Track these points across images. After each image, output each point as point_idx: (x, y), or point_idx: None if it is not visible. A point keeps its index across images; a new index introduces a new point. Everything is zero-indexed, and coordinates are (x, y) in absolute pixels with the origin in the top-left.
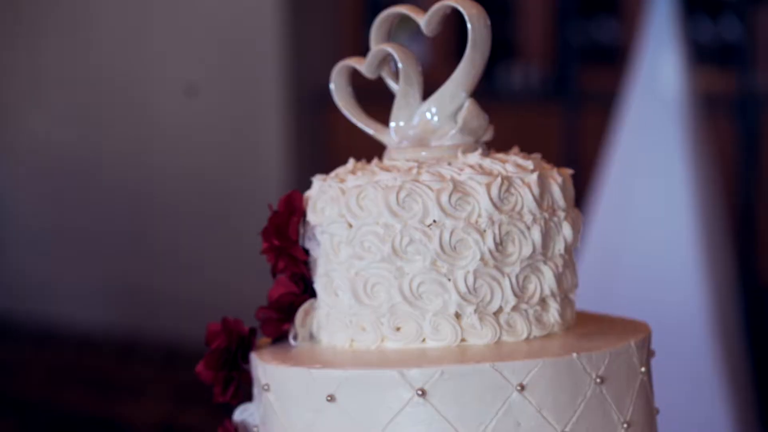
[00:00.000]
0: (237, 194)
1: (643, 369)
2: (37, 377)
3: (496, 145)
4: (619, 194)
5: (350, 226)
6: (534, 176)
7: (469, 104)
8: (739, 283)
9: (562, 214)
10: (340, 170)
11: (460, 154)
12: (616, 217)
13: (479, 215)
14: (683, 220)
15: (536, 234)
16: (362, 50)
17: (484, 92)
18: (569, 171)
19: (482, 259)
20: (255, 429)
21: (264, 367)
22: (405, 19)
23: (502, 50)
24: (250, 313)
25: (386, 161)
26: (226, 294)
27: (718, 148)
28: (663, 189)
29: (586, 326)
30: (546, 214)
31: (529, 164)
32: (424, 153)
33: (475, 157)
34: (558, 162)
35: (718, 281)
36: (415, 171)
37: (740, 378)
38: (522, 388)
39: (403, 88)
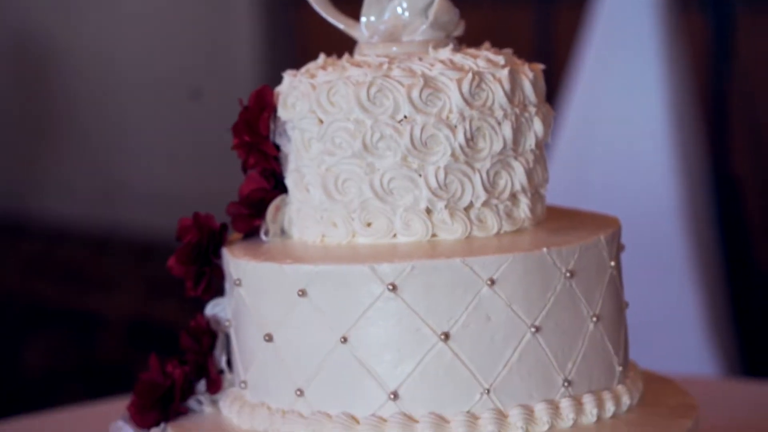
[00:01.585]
0: (209, 91)
1: (612, 263)
2: (11, 269)
3: (468, 41)
4: (591, 90)
5: (321, 122)
6: (505, 72)
7: None
8: (710, 174)
9: (533, 110)
10: (310, 65)
11: (431, 50)
12: (588, 112)
13: (450, 111)
14: (655, 113)
15: (507, 129)
16: None
17: None
18: (540, 66)
19: (453, 154)
20: (227, 323)
21: (235, 262)
22: None
23: None
24: (221, 209)
25: (357, 57)
26: (197, 189)
27: (692, 42)
28: (636, 83)
29: (556, 221)
30: (517, 110)
31: (500, 59)
32: (395, 48)
33: (446, 53)
34: (530, 58)
35: (689, 172)
36: (385, 66)
37: (711, 270)
38: (492, 282)
39: None
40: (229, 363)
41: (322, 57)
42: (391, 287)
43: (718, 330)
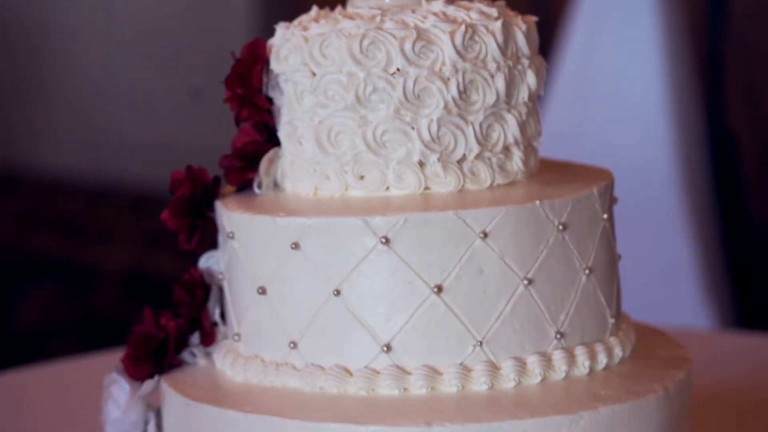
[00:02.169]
0: (202, 43)
1: (605, 216)
2: (5, 222)
3: None
4: (586, 43)
5: (313, 74)
6: (498, 24)
7: None
8: (705, 127)
9: (526, 62)
10: (303, 18)
11: (423, 2)
12: (583, 64)
13: (443, 63)
14: (650, 66)
15: (500, 82)
16: None
17: None
18: (533, 18)
19: (446, 107)
20: (220, 276)
21: (228, 215)
22: None
23: None
24: (214, 162)
25: (350, 9)
26: (191, 142)
27: None
28: (631, 36)
29: (549, 174)
30: (510, 62)
31: (493, 12)
32: (387, 1)
33: (438, 5)
34: (525, 10)
35: (684, 125)
36: (378, 19)
37: (705, 223)
38: (485, 235)
39: None
40: (222, 316)
41: (314, 9)
42: (384, 240)
43: (712, 282)
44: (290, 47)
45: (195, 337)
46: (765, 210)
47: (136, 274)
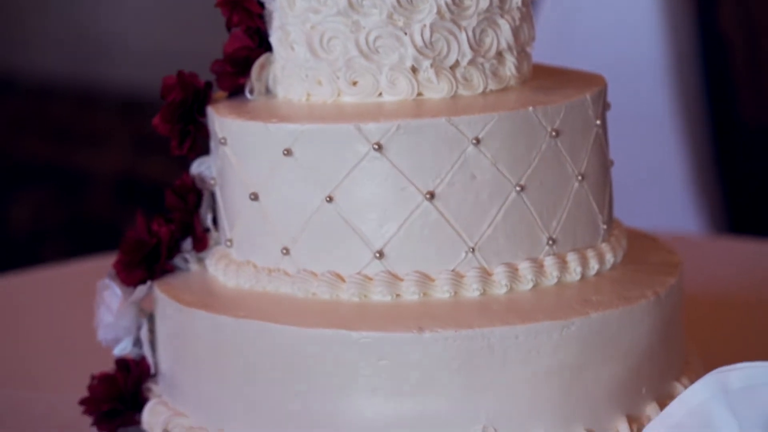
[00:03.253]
0: None
1: (598, 122)
2: None
3: None
4: None
5: None
6: None
7: None
8: (697, 29)
9: None
10: None
11: None
12: None
13: None
14: None
15: None
16: None
17: None
18: None
19: (439, 12)
20: (212, 182)
21: (220, 121)
22: None
23: None
24: (206, 67)
25: None
26: (183, 47)
27: None
28: None
29: (542, 80)
30: None
31: None
32: None
33: None
34: None
35: (675, 28)
36: None
37: (696, 126)
38: (478, 141)
39: None
40: (214, 221)
41: None
42: (376, 146)
43: (704, 187)
44: None
45: (187, 243)
46: (756, 114)
47: (127, 178)
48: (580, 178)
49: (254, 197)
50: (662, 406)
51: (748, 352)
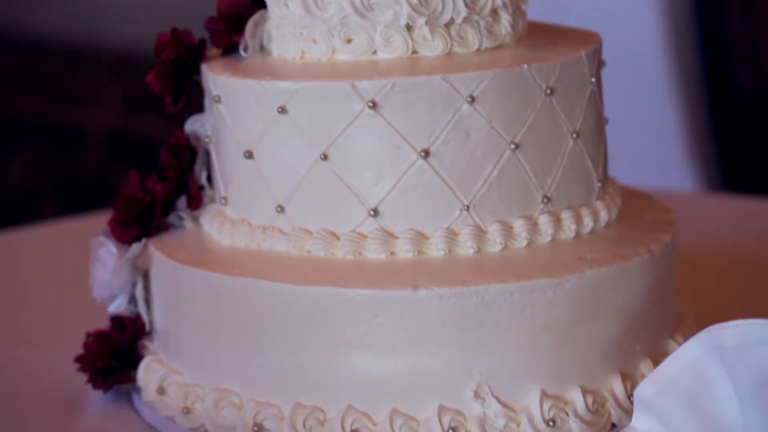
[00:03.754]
0: None
1: (593, 80)
2: None
3: None
4: None
5: None
6: None
7: None
8: None
9: None
10: None
11: None
12: None
13: None
14: None
15: None
16: None
17: None
18: None
19: None
20: (206, 139)
21: (214, 79)
22: None
23: None
24: (200, 25)
25: None
26: (176, 4)
27: None
28: None
29: (537, 38)
30: None
31: None
32: None
33: None
34: None
35: None
36: None
37: (691, 85)
38: (472, 99)
39: None
40: (209, 179)
41: None
42: (371, 104)
43: (699, 145)
44: None
45: (182, 201)
46: (752, 72)
47: (121, 136)
48: (574, 136)
49: (249, 155)
50: (656, 363)
51: (743, 309)
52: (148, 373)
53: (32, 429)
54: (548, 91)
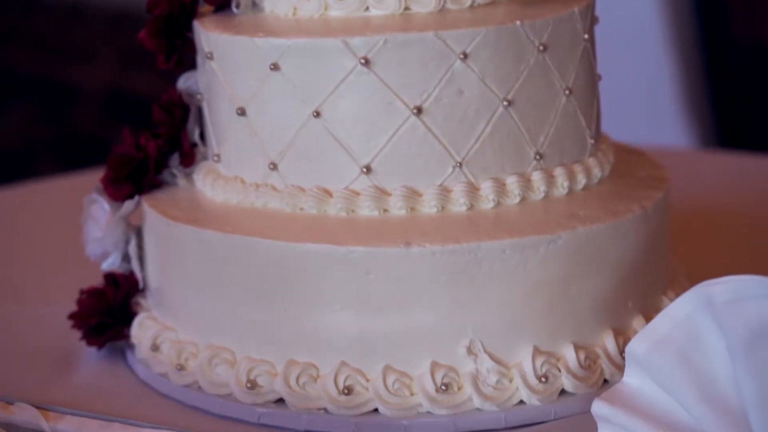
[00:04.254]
0: None
1: (586, 36)
2: None
3: None
4: None
5: None
6: None
7: None
8: None
9: None
10: None
11: None
12: None
13: None
14: None
15: None
16: None
17: None
18: None
19: None
20: (199, 96)
21: (207, 36)
22: None
23: None
24: None
25: None
26: None
27: None
28: None
29: None
30: None
31: None
32: None
33: None
34: None
35: None
36: None
37: (686, 41)
38: (465, 56)
39: None
40: (202, 136)
41: None
42: (363, 61)
43: (693, 102)
44: None
45: (175, 158)
46: (747, 28)
47: (116, 92)
48: (567, 92)
49: (241, 112)
50: (648, 319)
51: (735, 266)
52: (141, 330)
53: (26, 385)
54: (541, 47)
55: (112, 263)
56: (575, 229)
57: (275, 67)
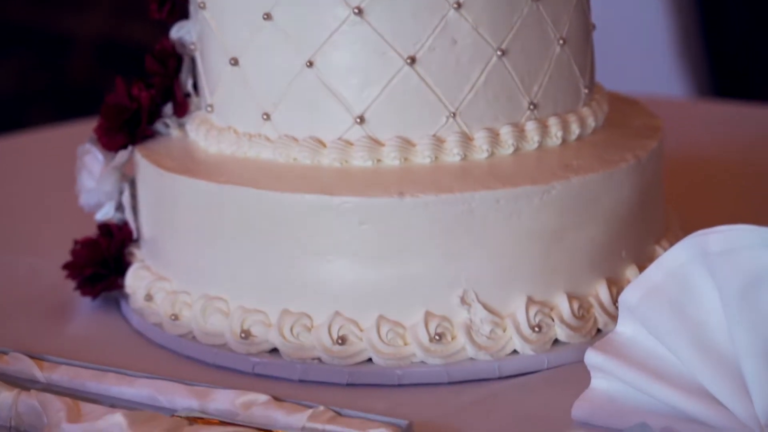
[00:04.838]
0: None
1: None
2: None
3: None
4: None
5: None
6: None
7: None
8: None
9: None
10: None
11: None
12: None
13: None
14: None
15: None
16: None
17: None
18: None
19: None
20: (192, 46)
21: None
22: None
23: None
24: None
25: None
26: None
27: None
28: None
29: None
30: None
31: None
32: None
33: None
34: None
35: None
36: None
37: None
38: (459, 5)
39: None
40: (195, 86)
41: None
42: (356, 10)
43: (688, 50)
44: None
45: (168, 108)
46: None
47: (111, 42)
48: (561, 42)
49: (234, 62)
50: (642, 269)
51: (729, 215)
52: (135, 280)
53: (21, 335)
54: None
55: (105, 213)
56: (569, 179)
57: (268, 16)
